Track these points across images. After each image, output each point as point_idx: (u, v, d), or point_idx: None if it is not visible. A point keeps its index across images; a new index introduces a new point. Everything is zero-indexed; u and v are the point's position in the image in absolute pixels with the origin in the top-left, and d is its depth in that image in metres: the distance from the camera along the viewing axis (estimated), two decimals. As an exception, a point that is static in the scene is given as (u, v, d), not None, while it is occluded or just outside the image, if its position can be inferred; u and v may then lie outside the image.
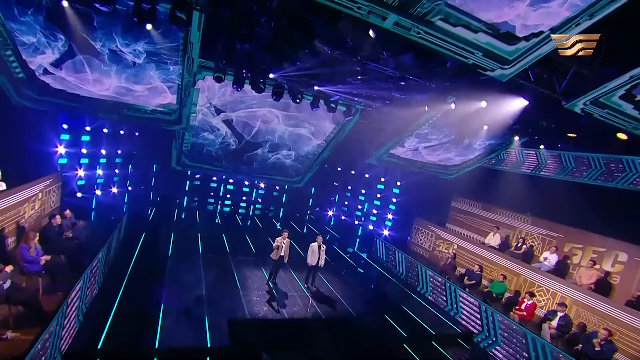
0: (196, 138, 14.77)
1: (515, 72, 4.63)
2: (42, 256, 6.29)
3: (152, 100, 9.11)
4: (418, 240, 15.16)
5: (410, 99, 8.60)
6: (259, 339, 6.89)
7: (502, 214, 13.66)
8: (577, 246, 10.97)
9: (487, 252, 11.93)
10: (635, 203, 9.57)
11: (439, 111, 9.11)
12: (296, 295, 9.10)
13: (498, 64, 4.52)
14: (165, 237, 11.42)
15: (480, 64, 4.59)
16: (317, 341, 7.17)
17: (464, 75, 6.03)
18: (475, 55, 4.43)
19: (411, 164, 13.64)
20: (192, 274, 9.06)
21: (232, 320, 7.12)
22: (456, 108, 8.27)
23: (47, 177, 8.79)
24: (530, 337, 7.82)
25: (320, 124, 15.31)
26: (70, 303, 5.92)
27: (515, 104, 6.78)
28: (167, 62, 8.13)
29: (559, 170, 11.86)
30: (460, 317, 9.80)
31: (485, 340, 8.83)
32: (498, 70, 4.64)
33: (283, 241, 9.17)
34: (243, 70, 8.90)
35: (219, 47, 8.47)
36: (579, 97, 4.87)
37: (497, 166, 14.42)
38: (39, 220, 8.46)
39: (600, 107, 5.07)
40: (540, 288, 9.85)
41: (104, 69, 7.98)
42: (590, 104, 5.05)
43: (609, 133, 9.33)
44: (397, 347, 7.85)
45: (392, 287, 11.59)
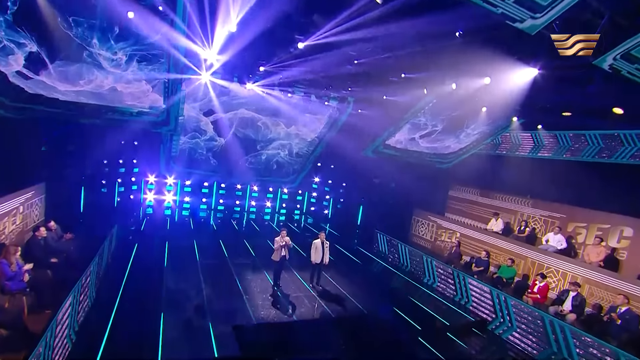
0: (185, 142, 14.26)
1: (546, 21, 4.28)
2: (24, 270, 5.73)
3: (138, 102, 8.59)
4: (419, 232, 14.94)
5: (408, 82, 8.30)
6: (270, 345, 6.46)
7: (502, 199, 13.54)
8: (580, 225, 10.88)
9: (491, 237, 11.76)
10: (637, 177, 9.51)
11: (439, 93, 8.81)
12: (302, 296, 8.70)
13: (529, 11, 4.21)
14: (159, 246, 10.87)
15: (509, 13, 4.24)
16: (330, 342, 6.78)
17: (471, 46, 5.74)
18: (505, 2, 4.09)
19: (408, 154, 13.41)
20: (191, 282, 8.56)
21: (238, 327, 6.68)
22: (457, 88, 8.02)
23: (29, 189, 8.17)
24: (548, 320, 7.60)
25: (311, 121, 15.02)
26: (60, 321, 5.39)
27: (522, 77, 6.50)
28: (151, 59, 7.65)
29: (557, 150, 11.79)
30: (472, 305, 9.56)
31: (501, 327, 8.60)
32: (528, 20, 4.31)
33: (282, 241, 8.77)
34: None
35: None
36: (609, 51, 4.64)
37: (493, 151, 14.34)
38: (21, 236, 7.85)
39: (631, 62, 4.80)
40: (549, 269, 9.68)
41: (84, 70, 7.46)
42: (620, 58, 4.79)
43: (606, 109, 9.35)
44: (412, 341, 7.53)
45: (399, 280, 11.29)
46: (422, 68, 7.20)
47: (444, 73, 7.41)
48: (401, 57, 6.51)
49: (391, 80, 8.19)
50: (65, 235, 7.78)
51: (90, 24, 6.81)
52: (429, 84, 8.19)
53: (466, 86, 7.70)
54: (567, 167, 11.30)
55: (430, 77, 7.69)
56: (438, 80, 7.88)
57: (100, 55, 7.26)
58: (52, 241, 7.23)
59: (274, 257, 8.77)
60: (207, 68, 9.10)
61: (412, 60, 6.76)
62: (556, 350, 7.37)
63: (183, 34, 6.84)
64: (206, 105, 12.88)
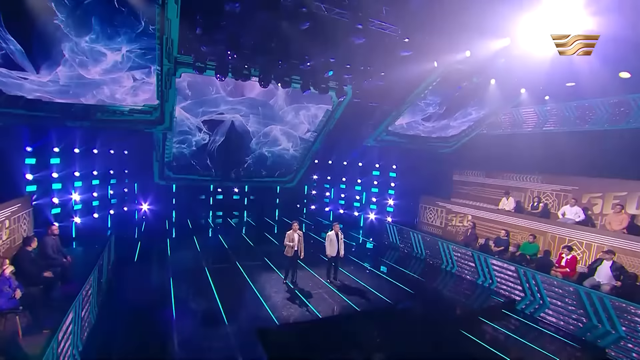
0: (178, 146, 13.59)
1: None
2: (16, 288, 5.04)
3: (129, 99, 7.93)
4: (427, 219, 14.52)
5: (417, 56, 7.85)
6: (298, 346, 5.89)
7: (510, 178, 13.27)
8: (595, 195, 10.64)
9: (505, 216, 11.40)
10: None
11: (450, 64, 8.31)
12: (322, 292, 8.14)
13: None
14: (161, 255, 10.17)
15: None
16: (362, 336, 6.25)
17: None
18: None
19: (411, 140, 13.03)
20: (201, 288, 7.92)
21: (262, 330, 6.08)
22: (470, 57, 7.62)
23: (14, 201, 7.41)
24: (584, 292, 7.23)
25: (308, 116, 14.55)
26: (61, 341, 4.73)
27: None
28: (142, 51, 7.03)
29: (563, 122, 11.58)
30: (497, 286, 9.15)
31: (531, 305, 8.19)
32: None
33: (294, 234, 8.23)
34: (228, 53, 7.92)
35: (198, 31, 7.50)
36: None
37: (496, 131, 14.10)
38: (9, 253, 7.07)
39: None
40: (571, 242, 9.35)
41: (70, 66, 6.78)
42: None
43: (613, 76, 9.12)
44: (445, 329, 7.05)
45: (417, 269, 10.83)
46: (434, 32, 6.75)
47: (458, 37, 6.98)
48: (411, 22, 6.07)
49: (401, 55, 7.73)
50: (67, 258, 6.95)
51: (73, 8, 6.15)
52: (439, 53, 7.75)
53: (481, 51, 7.27)
54: (575, 139, 11.08)
55: (442, 44, 7.26)
56: (449, 48, 7.45)
57: (85, 46, 6.60)
58: (53, 250, 6.50)
59: (287, 252, 8.22)
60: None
61: (422, 25, 6.34)
62: (597, 323, 6.99)
63: (176, 17, 6.27)
64: (197, 104, 12.28)
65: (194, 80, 10.69)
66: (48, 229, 6.74)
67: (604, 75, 8.78)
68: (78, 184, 11.57)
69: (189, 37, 7.33)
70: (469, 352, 6.33)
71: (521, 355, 6.36)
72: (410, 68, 8.56)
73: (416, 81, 9.64)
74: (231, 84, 12.10)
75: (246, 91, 12.88)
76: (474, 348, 6.42)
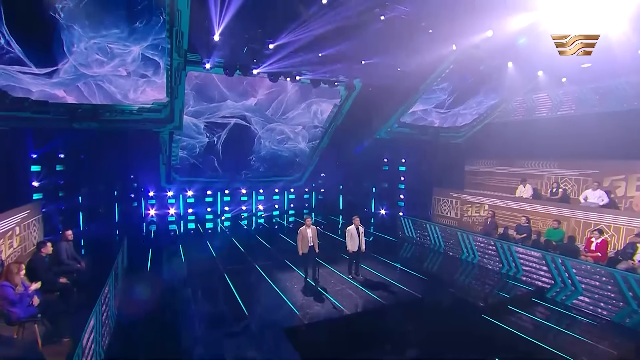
0: (185, 146, 13.35)
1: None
2: (33, 295, 4.76)
3: (138, 97, 7.66)
4: (441, 211, 14.23)
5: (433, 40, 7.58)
6: (330, 343, 5.61)
7: (525, 165, 12.99)
8: (617, 178, 10.37)
9: (524, 204, 11.12)
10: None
11: (464, 49, 8.01)
12: (345, 288, 7.86)
13: None
14: (175, 258, 9.87)
15: None
16: (393, 330, 5.97)
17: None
18: None
19: (423, 131, 12.75)
20: (221, 290, 7.64)
21: (291, 330, 5.80)
22: (490, 38, 7.33)
23: (23, 207, 7.13)
24: (621, 275, 6.95)
25: (316, 111, 14.32)
26: (85, 349, 4.45)
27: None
28: (151, 46, 6.75)
29: (579, 105, 11.31)
30: (523, 275, 8.87)
31: (563, 292, 7.90)
32: None
33: (308, 230, 7.94)
34: (245, 44, 7.62)
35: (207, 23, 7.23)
36: None
37: (507, 118, 13.82)
38: (21, 260, 6.79)
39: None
40: (598, 226, 9.07)
41: (76, 64, 6.51)
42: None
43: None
44: (477, 319, 6.78)
45: (437, 261, 10.55)
46: (455, 11, 6.47)
47: (480, 15, 6.67)
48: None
49: (417, 40, 7.45)
50: (81, 264, 6.68)
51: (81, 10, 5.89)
52: (459, 35, 7.46)
53: (506, 29, 6.95)
54: (593, 121, 10.77)
55: (463, 25, 6.96)
56: (471, 28, 7.14)
57: (94, 45, 6.34)
58: (67, 255, 6.22)
59: (303, 248, 7.93)
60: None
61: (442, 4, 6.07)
62: (637, 307, 6.71)
63: (186, 7, 5.99)
64: (202, 107, 12.03)
65: (200, 83, 10.47)
66: (62, 234, 6.46)
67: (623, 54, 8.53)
68: (83, 190, 11.32)
69: (198, 29, 7.07)
70: (506, 343, 6.05)
71: (560, 343, 6.07)
72: (426, 55, 8.28)
73: (430, 68, 9.36)
74: (236, 84, 11.92)
75: (252, 91, 12.68)
76: (510, 338, 6.15)
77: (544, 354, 5.68)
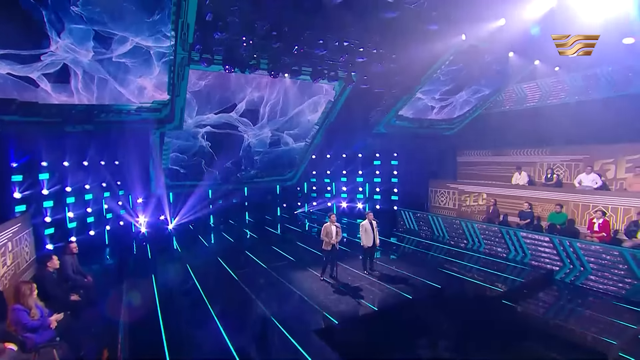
0: (175, 151, 12.74)
1: None
2: (50, 317, 4.28)
3: (136, 96, 7.12)
4: (439, 202, 14.45)
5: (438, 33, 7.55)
6: (366, 341, 5.46)
7: (517, 154, 13.39)
8: (607, 161, 10.87)
9: (522, 190, 11.48)
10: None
11: (480, 35, 7.93)
12: (365, 284, 7.73)
13: None
14: (180, 268, 9.34)
15: None
16: (428, 322, 5.92)
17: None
18: None
19: (420, 123, 12.82)
20: (237, 295, 7.27)
21: (323, 331, 5.59)
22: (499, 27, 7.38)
23: (13, 220, 6.45)
24: (629, 254, 7.25)
25: (308, 108, 14.08)
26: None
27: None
28: (153, 41, 6.26)
29: (568, 93, 11.75)
30: (531, 259, 9.10)
31: (572, 273, 8.17)
32: None
33: (332, 226, 7.78)
34: (243, 38, 7.25)
35: (209, 17, 6.82)
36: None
37: (497, 109, 14.17)
38: (15, 279, 6.14)
39: None
40: (596, 208, 9.46)
41: (71, 60, 5.93)
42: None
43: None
44: (497, 305, 6.89)
45: (443, 251, 10.65)
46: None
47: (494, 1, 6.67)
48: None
49: (425, 29, 7.38)
50: (88, 278, 6.12)
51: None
52: (468, 24, 7.45)
53: (521, 16, 7.00)
54: (582, 108, 11.24)
55: (475, 12, 6.95)
56: (486, 15, 7.11)
57: (90, 40, 5.79)
58: (73, 269, 5.66)
59: (325, 246, 7.75)
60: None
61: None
62: (647, 282, 7.03)
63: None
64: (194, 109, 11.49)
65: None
66: (66, 247, 5.89)
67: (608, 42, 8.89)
68: (71, 199, 10.50)
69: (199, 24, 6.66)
70: (530, 325, 6.19)
71: (579, 322, 6.26)
72: (431, 45, 8.26)
73: (431, 60, 9.37)
74: (235, 83, 11.52)
75: (247, 90, 12.29)
76: (530, 320, 6.32)
77: (569, 334, 5.84)
